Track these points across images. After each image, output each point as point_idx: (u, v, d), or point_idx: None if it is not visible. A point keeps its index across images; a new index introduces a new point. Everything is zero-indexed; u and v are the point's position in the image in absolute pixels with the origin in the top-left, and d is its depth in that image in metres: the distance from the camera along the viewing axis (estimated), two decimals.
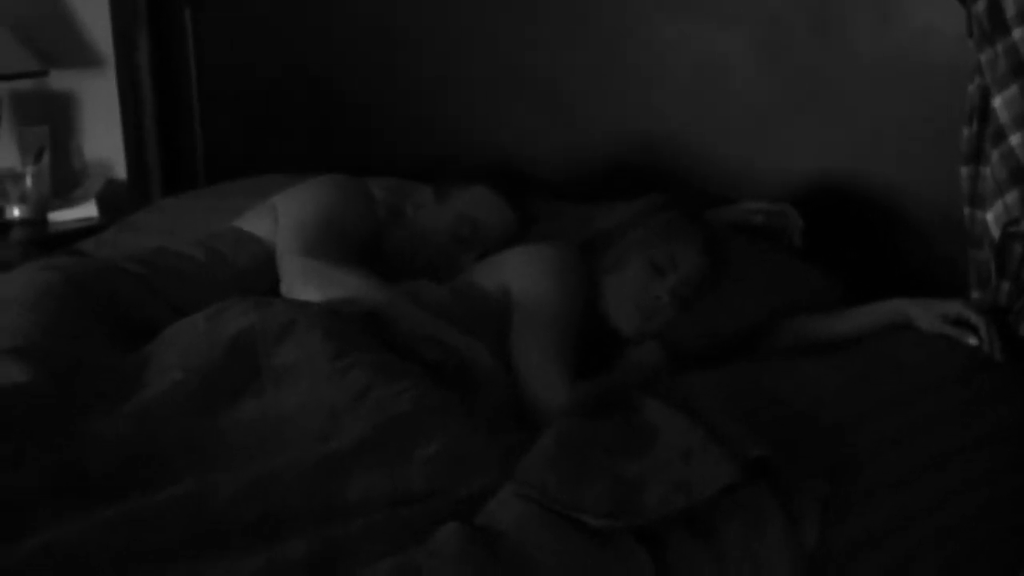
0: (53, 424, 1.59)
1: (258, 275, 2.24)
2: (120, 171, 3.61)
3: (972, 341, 2.09)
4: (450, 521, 1.46)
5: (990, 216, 2.05)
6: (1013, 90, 2.00)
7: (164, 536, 1.40)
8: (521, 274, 2.08)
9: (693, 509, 1.55)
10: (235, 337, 1.77)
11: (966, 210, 2.14)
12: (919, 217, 2.47)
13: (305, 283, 2.08)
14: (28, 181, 3.41)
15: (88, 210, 3.46)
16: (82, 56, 3.61)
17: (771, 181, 2.63)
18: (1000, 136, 2.03)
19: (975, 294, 2.13)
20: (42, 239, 3.27)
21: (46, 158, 3.49)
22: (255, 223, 2.33)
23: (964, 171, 2.14)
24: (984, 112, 2.09)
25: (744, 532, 1.57)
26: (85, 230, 3.21)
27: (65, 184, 3.63)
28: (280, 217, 2.27)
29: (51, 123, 3.60)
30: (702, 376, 1.90)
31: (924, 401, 2.02)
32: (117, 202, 3.50)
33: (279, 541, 1.41)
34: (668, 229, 2.13)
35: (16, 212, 3.41)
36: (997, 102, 2.03)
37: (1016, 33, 1.99)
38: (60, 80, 3.63)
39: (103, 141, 3.63)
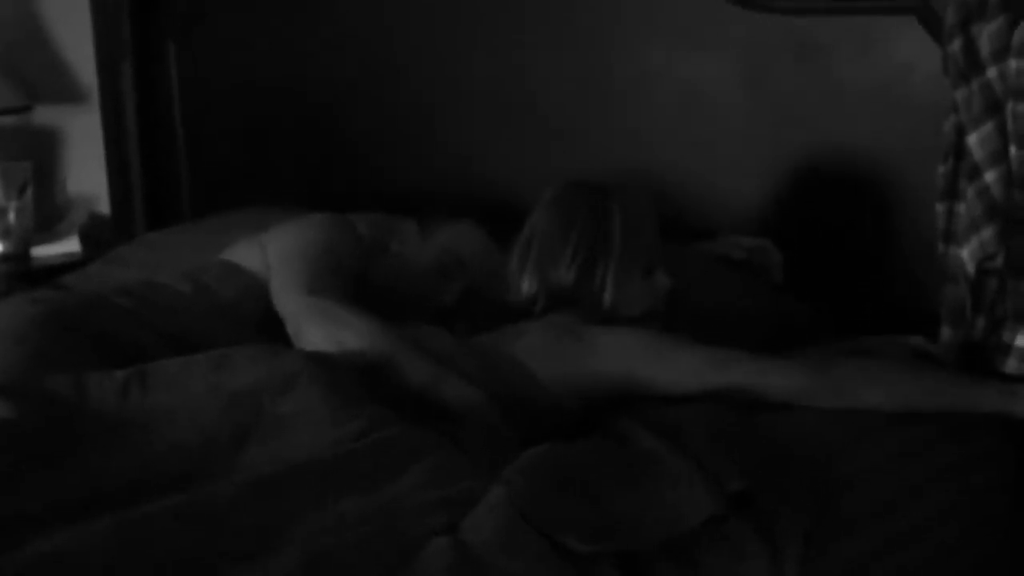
0: (44, 463, 1.60)
1: (245, 307, 2.24)
2: (104, 206, 3.61)
3: None
4: (438, 533, 1.48)
5: (965, 252, 2.07)
6: (988, 127, 2.03)
7: (161, 546, 1.40)
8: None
9: (676, 539, 1.56)
10: (241, 392, 1.77)
11: (940, 246, 2.17)
12: (902, 248, 2.50)
13: (311, 323, 2.06)
14: (11, 216, 3.42)
15: (71, 245, 3.47)
16: (66, 91, 3.62)
17: (753, 209, 2.66)
18: (976, 173, 2.06)
19: (946, 329, 2.15)
20: (25, 274, 3.27)
21: (29, 193, 3.49)
22: (242, 256, 2.33)
23: (939, 207, 2.16)
24: (960, 149, 2.12)
25: (727, 564, 1.58)
26: (68, 265, 3.21)
27: (48, 219, 3.63)
28: (272, 256, 2.26)
29: (35, 158, 3.61)
30: (687, 407, 1.91)
31: (904, 430, 2.03)
32: (100, 237, 3.50)
33: (273, 553, 1.42)
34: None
35: None
36: (972, 139, 2.05)
37: (990, 72, 2.02)
38: (44, 115, 3.65)
39: (87, 176, 3.64)
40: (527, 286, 2.14)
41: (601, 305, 2.11)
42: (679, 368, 1.98)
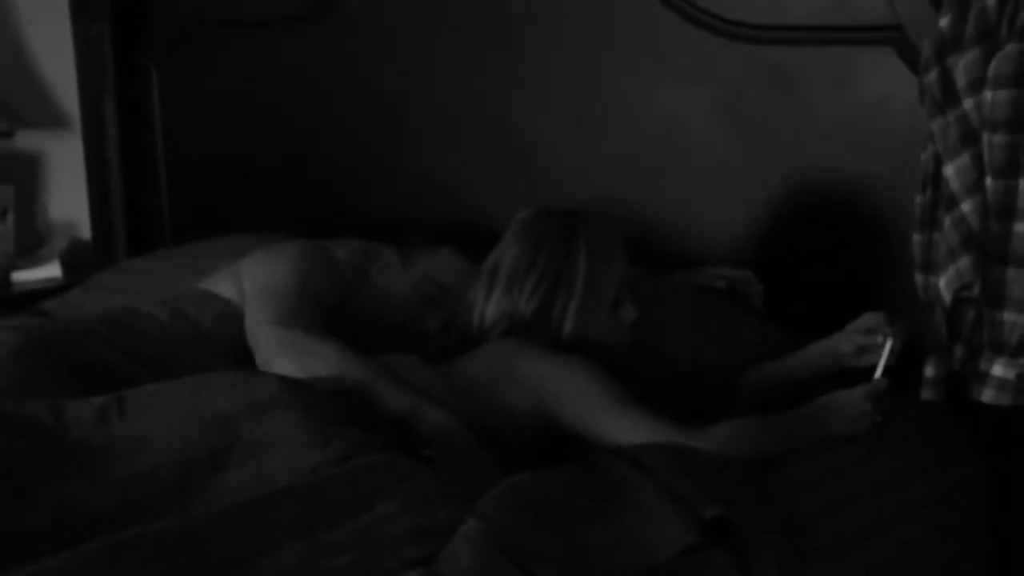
0: (19, 489, 1.59)
1: (222, 335, 2.24)
2: (85, 231, 3.61)
3: (879, 340, 2.13)
4: (413, 566, 1.48)
5: (942, 282, 2.08)
6: (964, 159, 2.04)
7: (137, 571, 1.40)
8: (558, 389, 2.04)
9: (652, 572, 1.56)
10: (219, 416, 1.77)
11: (919, 277, 2.17)
12: (881, 277, 2.51)
13: (280, 355, 2.07)
14: None
15: (52, 270, 3.46)
16: (48, 117, 3.62)
17: (732, 239, 2.67)
18: (952, 203, 2.07)
19: (932, 359, 2.16)
20: (5, 299, 3.26)
21: (10, 218, 3.49)
22: (219, 285, 2.33)
23: (917, 238, 2.17)
24: (937, 179, 2.13)
25: None
26: (49, 290, 3.19)
27: (29, 244, 3.63)
28: (247, 285, 2.26)
29: (16, 183, 3.60)
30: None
31: (880, 459, 2.04)
32: (82, 262, 3.50)
33: None
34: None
35: None
36: (949, 170, 2.07)
37: (967, 103, 2.04)
38: (26, 140, 3.64)
39: (68, 201, 3.64)
40: (491, 313, 2.15)
41: (560, 337, 2.12)
42: (597, 417, 1.98)
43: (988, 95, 1.99)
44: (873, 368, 2.12)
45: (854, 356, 2.18)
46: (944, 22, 2.08)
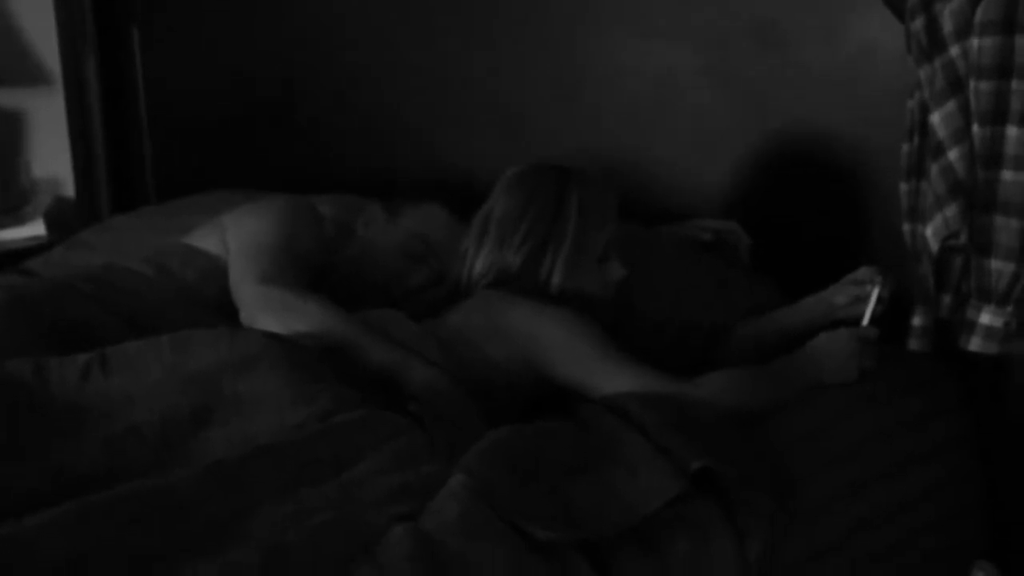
0: (10, 444, 1.58)
1: (207, 290, 2.23)
2: (69, 189, 3.59)
3: (869, 288, 2.14)
4: (399, 522, 1.47)
5: (929, 230, 2.07)
6: (950, 106, 2.03)
7: (119, 536, 1.39)
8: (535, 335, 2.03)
9: (639, 525, 1.56)
10: (202, 373, 1.76)
11: (906, 226, 2.17)
12: (869, 229, 2.50)
13: (265, 312, 2.06)
14: None
15: (36, 229, 3.44)
16: (29, 74, 3.58)
17: (721, 194, 2.66)
18: (939, 151, 2.06)
19: (919, 308, 2.16)
20: None
21: None
22: (203, 240, 2.32)
23: (904, 187, 2.16)
24: (924, 127, 2.12)
25: (691, 548, 1.58)
26: (33, 248, 3.18)
27: (12, 203, 3.60)
28: (231, 241, 2.25)
29: None
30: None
31: (868, 415, 2.04)
32: (66, 220, 3.48)
33: (232, 547, 1.41)
34: None
35: None
36: (935, 118, 2.05)
37: (953, 50, 2.02)
38: (7, 98, 3.61)
39: (51, 159, 3.61)
40: (480, 265, 2.14)
41: (548, 289, 2.11)
42: (587, 367, 1.97)
43: (975, 42, 1.98)
44: (861, 318, 2.12)
45: (848, 307, 2.18)
46: None
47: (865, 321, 2.10)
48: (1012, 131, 1.98)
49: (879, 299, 2.12)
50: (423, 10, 3.02)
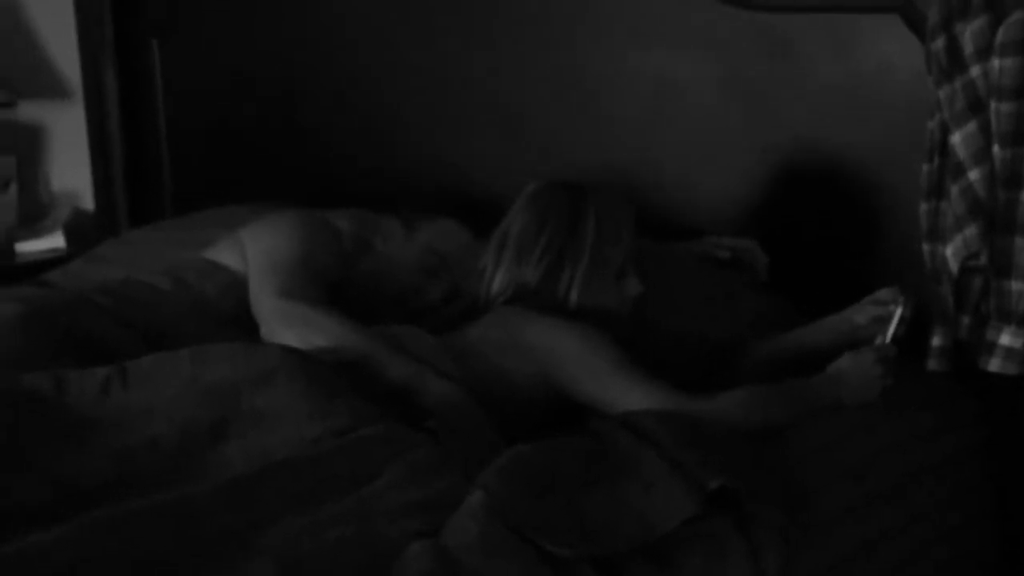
0: (19, 461, 1.59)
1: (225, 304, 2.23)
2: (87, 202, 3.60)
3: (892, 308, 2.13)
4: (416, 537, 1.47)
5: (949, 251, 2.07)
6: (971, 127, 2.03)
7: (135, 546, 1.39)
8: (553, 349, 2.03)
9: (655, 541, 1.56)
10: (219, 386, 1.76)
11: (926, 246, 2.16)
12: (882, 246, 2.50)
13: (284, 326, 2.06)
14: None
15: (55, 241, 3.46)
16: (50, 87, 3.61)
17: (732, 208, 2.65)
18: (959, 171, 2.05)
19: (938, 328, 2.16)
20: (8, 270, 3.25)
21: (13, 189, 3.48)
22: (222, 254, 2.32)
23: (924, 207, 2.16)
24: (944, 147, 2.12)
25: (706, 563, 1.57)
26: (52, 261, 3.19)
27: (32, 215, 3.62)
28: (250, 255, 2.25)
29: (18, 154, 3.59)
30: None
31: (883, 428, 2.04)
32: (84, 233, 3.49)
33: (248, 559, 1.41)
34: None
35: None
36: (956, 138, 2.05)
37: (974, 71, 2.02)
38: (27, 111, 3.64)
39: (70, 172, 3.63)
40: (498, 282, 2.15)
41: (566, 305, 2.11)
42: (604, 383, 1.97)
43: (995, 62, 1.98)
44: (879, 337, 2.11)
45: (869, 327, 2.17)
46: None
47: (887, 339, 2.10)
48: None
49: (901, 319, 2.12)
50: (424, 11, 3.02)
